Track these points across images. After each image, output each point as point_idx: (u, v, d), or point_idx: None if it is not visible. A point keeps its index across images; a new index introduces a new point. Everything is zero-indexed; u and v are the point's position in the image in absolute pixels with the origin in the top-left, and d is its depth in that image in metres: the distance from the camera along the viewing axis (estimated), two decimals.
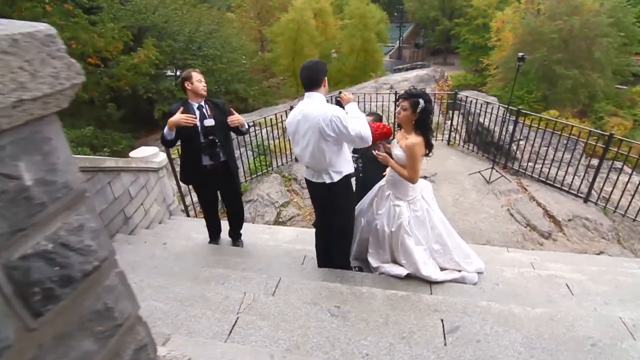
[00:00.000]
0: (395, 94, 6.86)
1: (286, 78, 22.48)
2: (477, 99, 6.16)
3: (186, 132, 2.98)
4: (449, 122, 7.25)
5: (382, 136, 2.70)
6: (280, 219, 5.32)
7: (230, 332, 1.75)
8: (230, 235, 3.62)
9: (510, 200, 5.13)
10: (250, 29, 25.14)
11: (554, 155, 5.31)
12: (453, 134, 7.02)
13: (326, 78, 2.39)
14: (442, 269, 2.79)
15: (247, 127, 3.26)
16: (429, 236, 2.75)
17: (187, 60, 16.88)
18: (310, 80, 2.34)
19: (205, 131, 2.99)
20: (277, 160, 7.02)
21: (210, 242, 3.61)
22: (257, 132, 6.68)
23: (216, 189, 3.34)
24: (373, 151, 2.82)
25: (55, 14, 8.98)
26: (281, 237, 4.07)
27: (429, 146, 2.61)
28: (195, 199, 5.15)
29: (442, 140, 7.14)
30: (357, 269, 2.95)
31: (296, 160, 7.15)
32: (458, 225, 4.69)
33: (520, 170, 5.76)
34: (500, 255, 3.66)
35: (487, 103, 5.97)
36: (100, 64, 11.89)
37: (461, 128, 6.94)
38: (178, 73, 18.80)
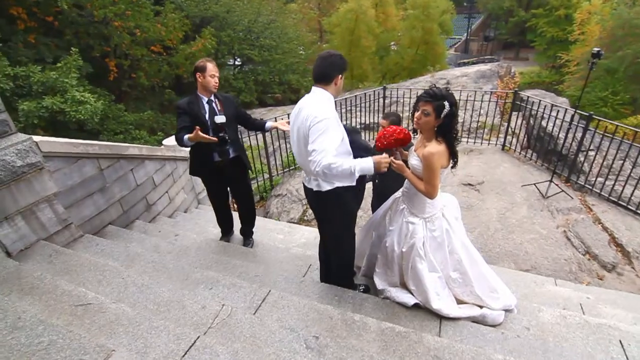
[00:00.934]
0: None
1: None
2: (540, 100, 5.34)
3: (195, 125, 2.87)
4: (506, 125, 6.45)
5: (399, 142, 2.32)
6: (305, 217, 5.12)
7: (185, 354, 1.58)
8: (241, 232, 3.49)
9: (568, 221, 4.38)
10: (310, 20, 25.15)
11: (630, 171, 4.43)
12: (510, 138, 6.24)
13: (341, 77, 2.05)
14: (459, 302, 2.38)
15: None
16: (446, 262, 2.35)
17: (244, 50, 17.34)
18: (320, 73, 2.05)
19: (215, 127, 2.85)
20: None
21: (221, 238, 3.52)
22: None
23: (226, 185, 3.22)
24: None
25: (123, 2, 9.57)
26: (297, 239, 3.87)
27: (453, 156, 2.20)
28: None
29: (497, 144, 6.39)
30: (362, 288, 2.64)
31: None
32: (499, 245, 4.11)
33: (587, 186, 4.91)
34: (543, 288, 3.09)
35: (552, 105, 5.14)
36: (163, 52, 12.55)
37: (520, 132, 6.13)
38: (237, 62, 19.49)
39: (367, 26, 18.07)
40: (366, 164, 1.96)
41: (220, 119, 2.82)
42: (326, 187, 2.14)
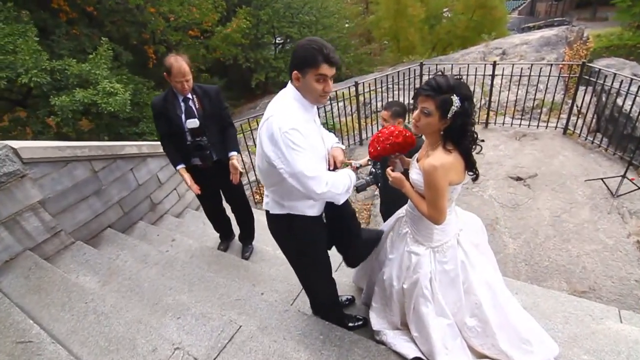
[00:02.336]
0: (494, 65, 5.31)
1: (386, 43, 20.77)
2: (615, 73, 4.27)
3: (171, 128, 2.55)
4: (570, 103, 5.37)
5: (396, 148, 1.78)
6: None
7: None
8: (239, 239, 3.19)
9: None
10: None
11: None
12: (574, 120, 5.19)
13: (300, 74, 1.47)
14: (477, 355, 1.84)
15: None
16: (460, 303, 1.81)
17: (284, 28, 16.85)
18: (289, 68, 1.56)
19: (191, 132, 2.50)
20: (342, 141, 6.27)
21: (220, 244, 3.25)
22: (327, 107, 6.00)
23: (215, 188, 2.89)
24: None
25: None
26: None
27: (470, 167, 1.63)
28: None
29: (557, 127, 5.36)
30: (359, 322, 2.20)
31: (361, 143, 6.32)
32: (549, 257, 3.38)
33: None
34: (602, 325, 2.40)
35: (632, 79, 4.06)
36: (200, 36, 12.51)
37: (587, 112, 5.05)
38: (278, 40, 19.07)
39: None
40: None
41: (192, 123, 2.44)
42: (274, 209, 1.69)
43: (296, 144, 1.41)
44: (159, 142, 3.98)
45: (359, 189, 2.03)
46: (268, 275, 2.70)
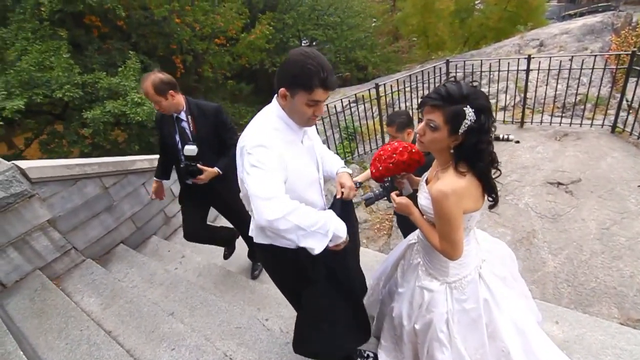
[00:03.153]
0: (528, 58, 4.84)
1: (415, 40, 20.12)
2: None
3: (166, 144, 2.44)
4: (619, 97, 4.79)
5: (401, 168, 1.54)
6: None
7: None
8: (248, 256, 3.05)
9: None
10: None
11: None
12: (624, 116, 4.62)
13: (287, 92, 1.29)
14: None
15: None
16: (484, 351, 1.52)
17: (308, 31, 16.76)
18: (275, 80, 1.36)
19: (186, 156, 2.37)
20: (363, 146, 6.03)
21: (226, 253, 3.05)
22: (347, 110, 5.77)
23: (203, 204, 2.68)
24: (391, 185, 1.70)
25: None
26: None
27: (489, 191, 1.36)
28: None
29: (604, 125, 4.80)
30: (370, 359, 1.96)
31: None
32: (597, 277, 2.96)
33: None
34: None
35: None
36: (226, 44, 12.68)
37: (639, 107, 4.47)
38: (304, 43, 19.02)
39: None
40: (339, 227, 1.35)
41: (190, 150, 2.28)
42: (259, 237, 1.48)
43: (260, 161, 1.23)
44: None
45: (367, 202, 1.79)
46: (274, 298, 2.52)
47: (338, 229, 1.32)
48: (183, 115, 2.32)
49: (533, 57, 4.87)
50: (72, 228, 2.92)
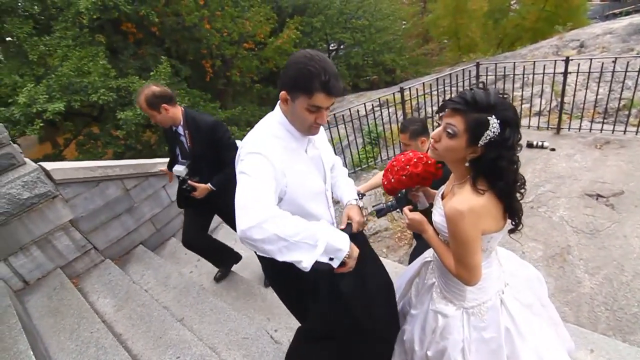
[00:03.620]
0: (566, 60, 4.53)
1: (445, 42, 19.61)
2: None
3: (171, 153, 2.44)
4: None
5: (416, 181, 1.42)
6: (363, 231, 4.35)
7: None
8: None
9: None
10: None
11: None
12: None
13: (289, 96, 1.21)
14: None
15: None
16: None
17: (336, 34, 16.74)
18: (278, 83, 1.30)
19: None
20: (387, 152, 5.87)
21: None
22: (371, 114, 5.65)
23: (205, 211, 2.63)
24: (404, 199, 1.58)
25: (213, 3, 9.98)
26: None
27: (510, 215, 1.22)
28: None
29: None
30: None
31: None
32: (639, 302, 2.67)
33: None
34: None
35: None
36: (254, 48, 12.88)
37: None
38: (332, 47, 19.03)
39: None
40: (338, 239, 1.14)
41: (178, 171, 2.24)
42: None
43: (249, 169, 1.15)
44: None
45: (379, 214, 1.68)
46: (285, 308, 2.45)
47: (335, 239, 1.12)
48: (181, 130, 2.26)
49: (572, 59, 4.55)
50: (94, 228, 3.00)
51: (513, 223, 1.23)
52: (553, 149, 4.74)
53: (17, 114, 6.48)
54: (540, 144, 4.83)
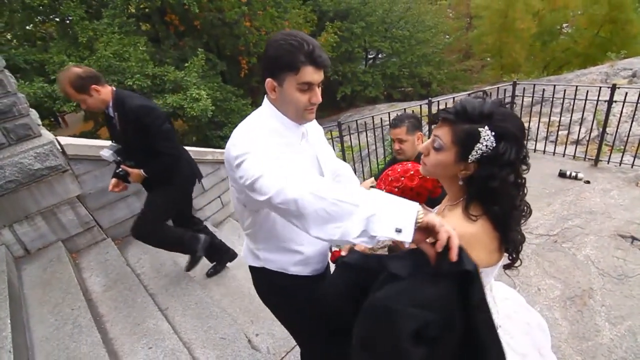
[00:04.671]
0: (612, 88, 4.20)
1: (488, 60, 19.01)
2: None
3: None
4: None
5: (407, 194, 1.28)
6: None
7: None
8: None
9: None
10: (459, 4, 22.49)
11: None
12: None
13: (275, 81, 1.09)
14: None
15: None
16: None
17: (375, 42, 16.61)
18: (261, 75, 1.17)
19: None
20: None
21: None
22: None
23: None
24: None
25: (255, 3, 10.18)
26: None
27: (506, 247, 1.06)
28: None
29: None
30: None
31: None
32: None
33: None
34: None
35: None
36: None
37: None
38: (370, 55, 18.93)
39: (525, 4, 14.78)
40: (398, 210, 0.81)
41: (105, 155, 2.14)
42: (250, 259, 1.32)
43: (252, 163, 1.00)
44: (205, 149, 4.02)
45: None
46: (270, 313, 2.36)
47: (392, 198, 0.82)
48: (111, 111, 2.10)
49: (619, 87, 4.20)
50: (100, 207, 3.04)
51: (510, 257, 1.08)
52: (588, 182, 4.39)
53: (58, 90, 6.82)
54: (574, 174, 4.49)
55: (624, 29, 14.23)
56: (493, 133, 0.92)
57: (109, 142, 2.46)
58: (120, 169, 2.16)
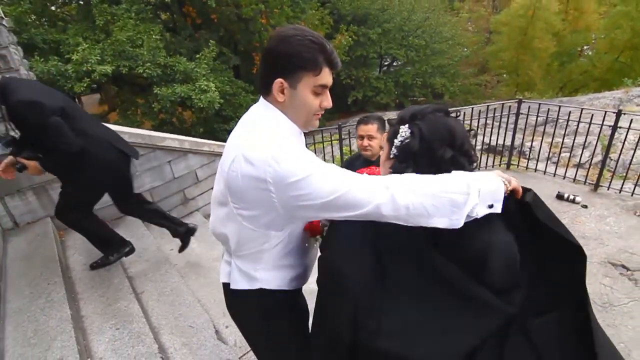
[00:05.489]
0: (617, 113, 4.15)
1: (503, 76, 18.86)
2: None
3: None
4: None
5: None
6: None
7: None
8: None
9: None
10: (479, 19, 22.38)
11: None
12: None
13: (288, 80, 0.97)
14: None
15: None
16: None
17: (391, 49, 16.59)
18: (258, 74, 1.17)
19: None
20: None
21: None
22: None
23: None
24: None
25: (272, 1, 10.26)
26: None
27: None
28: None
29: None
30: None
31: None
32: None
33: None
34: None
35: None
36: None
37: None
38: (386, 61, 18.91)
39: (545, 24, 14.63)
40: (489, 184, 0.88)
41: None
42: (241, 283, 1.13)
43: (306, 165, 0.91)
44: (203, 140, 4.06)
45: None
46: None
47: (481, 176, 0.89)
48: None
49: (624, 114, 4.15)
50: None
51: None
52: (585, 206, 4.33)
53: (70, 70, 6.96)
54: (572, 197, 4.43)
55: None
56: (410, 131, 0.94)
57: (115, 127, 2.45)
58: (18, 164, 2.06)
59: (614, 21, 14.91)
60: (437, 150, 0.90)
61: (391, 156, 0.97)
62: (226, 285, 1.17)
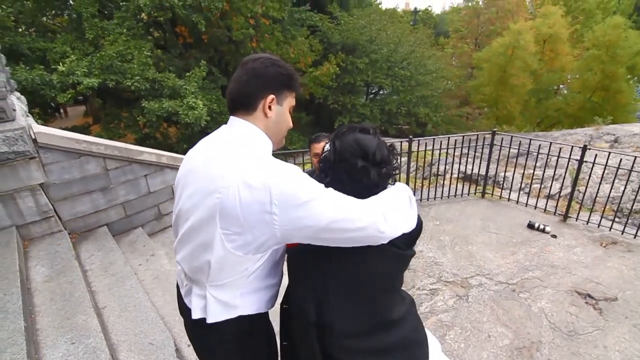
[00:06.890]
0: (583, 149, 4.37)
1: (484, 109, 19.65)
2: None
3: None
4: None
5: None
6: None
7: None
8: None
9: None
10: (463, 54, 23.48)
11: None
12: None
13: (278, 97, 1.04)
14: None
15: None
16: None
17: (377, 79, 17.16)
18: (239, 92, 1.05)
19: None
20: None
21: None
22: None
23: None
24: None
25: (263, 27, 10.57)
26: None
27: None
28: None
29: None
30: None
31: None
32: None
33: None
34: None
35: None
36: None
37: None
38: (372, 90, 19.49)
39: (523, 62, 15.47)
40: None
41: None
42: (221, 314, 1.06)
43: (309, 188, 0.94)
44: (180, 155, 4.06)
45: None
46: None
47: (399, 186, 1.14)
48: None
49: (589, 149, 4.38)
50: (62, 198, 3.03)
51: None
52: (554, 236, 4.47)
53: (55, 80, 6.92)
54: (542, 227, 4.57)
55: (615, 98, 14.89)
56: (331, 144, 1.10)
57: (90, 138, 2.43)
58: None
59: (586, 63, 15.92)
60: (349, 160, 1.03)
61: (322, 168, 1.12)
62: (200, 321, 1.06)
